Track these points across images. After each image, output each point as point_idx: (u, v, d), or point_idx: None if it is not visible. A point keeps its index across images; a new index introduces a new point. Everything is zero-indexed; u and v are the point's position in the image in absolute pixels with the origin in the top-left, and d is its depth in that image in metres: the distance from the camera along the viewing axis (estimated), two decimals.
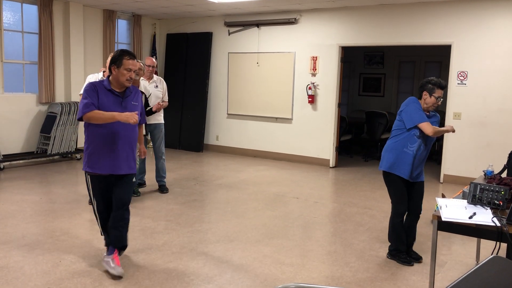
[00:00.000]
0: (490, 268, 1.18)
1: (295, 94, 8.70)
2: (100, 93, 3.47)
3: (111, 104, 3.47)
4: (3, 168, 7.40)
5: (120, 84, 3.53)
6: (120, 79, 3.49)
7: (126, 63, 3.47)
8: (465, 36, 7.08)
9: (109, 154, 3.54)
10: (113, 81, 3.54)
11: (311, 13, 8.43)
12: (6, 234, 4.44)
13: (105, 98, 3.47)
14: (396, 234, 4.01)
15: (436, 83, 3.78)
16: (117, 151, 3.55)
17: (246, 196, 6.15)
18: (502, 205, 3.02)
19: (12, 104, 7.80)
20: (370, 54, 11.70)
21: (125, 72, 3.47)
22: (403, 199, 3.95)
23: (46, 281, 3.46)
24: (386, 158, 3.95)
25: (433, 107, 3.83)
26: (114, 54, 3.55)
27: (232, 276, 3.64)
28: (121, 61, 3.46)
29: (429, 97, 3.78)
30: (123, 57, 3.48)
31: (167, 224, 4.87)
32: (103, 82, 3.55)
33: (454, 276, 3.78)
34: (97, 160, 3.55)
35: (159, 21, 10.33)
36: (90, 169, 3.58)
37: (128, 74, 3.47)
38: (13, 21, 7.86)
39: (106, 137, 3.50)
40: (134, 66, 3.50)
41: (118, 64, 3.47)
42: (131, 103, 3.61)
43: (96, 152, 3.54)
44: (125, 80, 3.49)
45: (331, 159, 8.45)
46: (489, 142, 6.99)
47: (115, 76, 3.50)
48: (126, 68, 3.47)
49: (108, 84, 3.52)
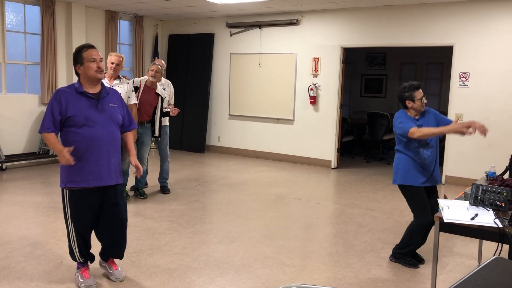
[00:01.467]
0: (492, 269, 1.18)
1: (297, 95, 8.70)
2: (69, 100, 3.15)
3: (86, 108, 3.17)
4: (5, 168, 7.41)
5: (92, 80, 3.21)
6: (90, 73, 3.18)
7: (87, 55, 3.18)
8: (467, 37, 7.07)
9: (97, 162, 3.21)
10: (84, 81, 3.22)
11: (313, 14, 8.43)
12: (8, 234, 4.44)
13: (77, 103, 3.15)
14: (412, 242, 3.93)
15: (411, 88, 3.80)
16: (102, 158, 3.22)
17: (248, 197, 6.15)
18: (504, 207, 3.01)
19: (15, 104, 7.82)
20: (372, 55, 11.69)
21: (90, 64, 3.17)
22: (425, 209, 3.81)
23: (48, 281, 3.46)
24: (398, 171, 3.87)
25: (422, 107, 3.84)
26: (73, 54, 3.28)
27: (234, 277, 3.64)
28: (81, 56, 3.19)
29: (413, 103, 3.80)
30: (81, 51, 3.20)
31: (168, 225, 4.87)
32: (74, 85, 3.23)
33: (456, 278, 3.77)
34: (79, 171, 3.18)
35: (161, 22, 10.35)
36: (71, 183, 3.21)
37: (95, 65, 3.17)
38: (16, 22, 7.88)
39: (87, 141, 3.17)
40: (97, 55, 3.20)
41: (80, 61, 3.19)
42: (109, 105, 3.28)
43: (78, 162, 3.15)
44: (95, 72, 3.18)
45: (333, 160, 8.44)
46: (491, 144, 6.98)
47: (84, 74, 3.20)
48: (90, 59, 3.18)
49: (80, 87, 3.21)
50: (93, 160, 3.19)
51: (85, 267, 3.47)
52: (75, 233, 3.33)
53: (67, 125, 3.17)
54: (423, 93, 3.86)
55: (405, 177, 3.84)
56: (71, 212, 3.30)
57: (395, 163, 3.96)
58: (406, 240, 3.96)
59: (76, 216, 3.30)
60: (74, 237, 3.35)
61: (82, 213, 3.30)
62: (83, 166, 3.19)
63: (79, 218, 3.31)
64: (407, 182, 3.83)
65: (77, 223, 3.32)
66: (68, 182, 3.23)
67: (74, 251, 3.40)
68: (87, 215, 3.31)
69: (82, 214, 3.30)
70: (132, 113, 5.36)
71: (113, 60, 5.30)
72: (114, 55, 5.36)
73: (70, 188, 3.25)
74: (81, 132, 3.15)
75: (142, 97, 5.65)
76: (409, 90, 3.80)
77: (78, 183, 3.21)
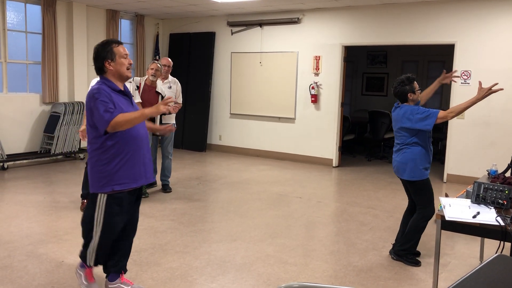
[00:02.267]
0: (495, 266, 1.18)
1: (298, 94, 8.69)
2: (114, 97, 2.95)
3: (127, 106, 3.00)
4: (7, 167, 7.42)
5: (122, 77, 3.04)
6: (122, 70, 3.00)
7: (119, 51, 3.00)
8: (469, 35, 7.06)
9: (142, 161, 3.07)
10: (113, 78, 3.01)
11: (314, 12, 8.43)
12: (10, 233, 4.45)
13: (119, 102, 2.96)
14: (418, 237, 3.95)
15: (410, 80, 3.86)
16: (145, 156, 3.10)
17: (249, 196, 6.15)
18: (506, 205, 3.01)
19: (16, 104, 7.83)
20: (373, 54, 11.68)
21: (123, 61, 3.00)
22: (433, 200, 3.91)
23: (50, 280, 3.46)
24: (408, 167, 3.84)
25: (419, 98, 3.97)
26: (98, 50, 3.01)
27: (235, 276, 3.64)
28: (111, 51, 2.98)
29: (414, 95, 3.87)
30: (111, 46, 2.99)
31: (170, 224, 4.87)
32: (105, 82, 2.99)
33: (458, 276, 3.77)
34: (129, 172, 3.00)
35: (162, 21, 10.35)
36: (120, 186, 2.98)
37: (126, 61, 3.01)
38: (17, 21, 7.88)
39: (136, 140, 3.04)
40: (126, 50, 3.04)
41: (111, 56, 2.97)
42: (132, 98, 3.19)
43: (128, 162, 2.99)
44: (126, 70, 3.03)
45: (334, 158, 8.44)
46: (493, 142, 6.97)
47: (115, 71, 2.99)
48: (122, 56, 3.00)
49: (114, 84, 3.01)
50: (140, 159, 3.05)
51: (90, 267, 3.26)
52: (102, 242, 3.07)
53: None
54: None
55: (422, 171, 3.83)
56: (104, 219, 3.03)
57: (408, 157, 3.84)
58: (411, 235, 3.96)
59: (110, 223, 3.04)
60: (97, 245, 3.08)
61: (117, 220, 3.07)
62: (132, 166, 3.00)
63: (114, 225, 3.06)
64: (424, 176, 3.84)
65: (109, 231, 3.06)
66: (116, 184, 2.96)
67: (88, 256, 3.13)
68: (121, 222, 3.10)
69: (117, 221, 3.07)
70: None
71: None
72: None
73: (111, 192, 2.98)
74: (128, 131, 2.96)
75: (143, 96, 5.65)
76: (410, 83, 3.85)
77: (128, 184, 3.01)
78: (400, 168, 3.92)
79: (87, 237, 3.14)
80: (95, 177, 3.00)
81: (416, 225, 3.94)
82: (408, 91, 3.85)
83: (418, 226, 3.93)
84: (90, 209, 3.07)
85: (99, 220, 3.03)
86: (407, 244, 3.99)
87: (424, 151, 3.83)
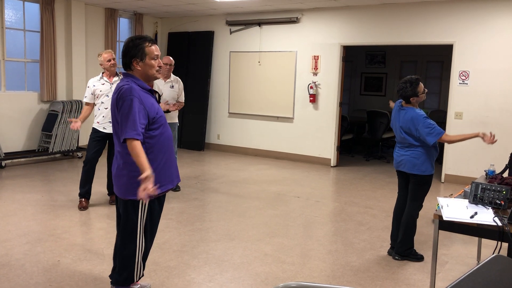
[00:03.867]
0: (492, 266, 1.18)
1: (297, 93, 8.69)
2: (143, 98, 2.78)
3: (158, 107, 2.92)
4: (5, 166, 7.40)
5: (150, 79, 2.92)
6: (150, 72, 2.86)
7: (150, 51, 2.83)
8: (467, 35, 7.07)
9: (174, 161, 3.02)
10: (141, 78, 2.88)
11: (312, 12, 8.43)
12: (7, 232, 4.44)
13: (150, 102, 2.84)
14: (414, 230, 4.03)
15: (417, 82, 3.92)
16: (173, 155, 3.03)
17: (247, 195, 6.15)
18: (504, 205, 3.02)
19: (14, 102, 7.81)
20: (371, 54, 11.69)
21: (153, 62, 2.84)
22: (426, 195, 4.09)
23: (47, 279, 3.46)
24: (425, 162, 3.88)
25: (423, 99, 4.10)
26: (128, 45, 2.83)
27: (233, 275, 3.64)
28: (143, 50, 2.81)
29: (417, 98, 3.95)
30: (144, 45, 2.82)
31: (168, 223, 4.87)
32: (135, 82, 2.81)
33: (455, 276, 3.77)
34: (166, 173, 2.92)
35: (160, 19, 10.33)
36: (160, 188, 2.83)
37: (156, 63, 2.87)
38: (15, 19, 7.87)
39: (169, 141, 2.95)
40: (158, 52, 2.90)
41: (141, 55, 2.81)
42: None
43: (165, 164, 2.90)
44: (156, 72, 2.89)
45: (332, 158, 8.45)
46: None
47: (142, 72, 2.85)
48: (153, 57, 2.85)
49: (144, 84, 2.87)
50: (173, 160, 2.99)
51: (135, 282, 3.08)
52: (147, 248, 2.99)
53: (147, 128, 2.80)
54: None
55: (430, 167, 3.90)
56: (146, 226, 2.92)
57: (419, 153, 3.87)
58: (410, 231, 4.00)
59: (151, 229, 2.96)
60: (143, 253, 2.98)
61: (156, 224, 2.98)
62: (168, 167, 2.92)
63: (154, 230, 2.98)
64: (432, 171, 3.92)
65: (150, 237, 2.99)
66: (158, 188, 2.78)
67: (136, 270, 2.96)
68: (157, 224, 3.01)
69: (156, 225, 2.98)
70: None
71: (109, 57, 5.16)
72: (107, 52, 5.19)
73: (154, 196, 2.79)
74: (162, 132, 2.88)
75: None
76: (417, 85, 3.90)
77: (166, 186, 2.92)
78: (409, 162, 3.92)
79: (128, 251, 2.92)
80: (132, 182, 2.76)
81: (413, 219, 3.99)
82: (411, 95, 3.88)
83: (414, 218, 4.00)
84: (130, 219, 2.89)
85: (142, 226, 2.91)
86: (409, 241, 4.01)
87: (432, 148, 3.90)
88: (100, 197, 5.69)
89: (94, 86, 5.21)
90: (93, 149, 5.20)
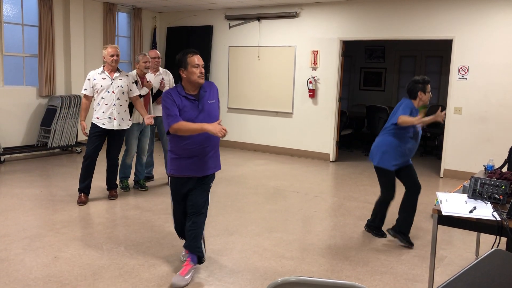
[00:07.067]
0: (492, 261, 1.18)
1: (296, 88, 8.68)
2: (177, 100, 3.38)
3: (189, 110, 3.39)
4: (3, 161, 7.40)
5: (194, 84, 3.45)
6: (192, 78, 3.42)
7: (191, 60, 3.44)
8: (467, 30, 7.06)
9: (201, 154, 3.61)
10: (186, 84, 3.46)
11: (312, 6, 8.40)
12: (6, 226, 4.44)
13: (184, 106, 3.39)
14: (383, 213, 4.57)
15: (425, 81, 4.21)
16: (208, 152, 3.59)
17: (246, 190, 6.15)
18: (503, 200, 3.02)
19: (12, 97, 7.79)
20: (371, 48, 11.67)
21: (194, 70, 3.42)
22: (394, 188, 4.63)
23: (47, 274, 3.46)
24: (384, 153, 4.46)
25: (428, 101, 4.32)
26: (177, 58, 3.53)
27: (232, 270, 3.65)
28: (185, 61, 3.45)
29: (424, 95, 4.22)
30: (186, 56, 3.47)
31: (167, 218, 4.87)
32: (177, 88, 3.47)
33: (454, 270, 3.78)
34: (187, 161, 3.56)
35: (159, 14, 10.30)
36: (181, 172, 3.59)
37: (197, 70, 3.43)
38: (13, 13, 7.83)
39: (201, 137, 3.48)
40: (200, 61, 3.47)
41: (185, 65, 3.44)
42: (208, 102, 3.49)
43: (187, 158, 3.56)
44: (197, 78, 3.43)
45: (331, 153, 8.45)
46: (490, 137, 6.99)
47: (187, 78, 3.44)
48: (194, 65, 3.43)
49: (182, 90, 3.45)
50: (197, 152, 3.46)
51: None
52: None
53: None
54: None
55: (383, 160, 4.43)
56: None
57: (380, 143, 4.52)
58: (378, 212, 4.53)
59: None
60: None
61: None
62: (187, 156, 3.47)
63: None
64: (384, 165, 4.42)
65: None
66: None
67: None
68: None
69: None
70: (137, 105, 5.37)
71: (113, 52, 5.13)
72: (113, 47, 5.17)
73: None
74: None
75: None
76: (423, 83, 4.20)
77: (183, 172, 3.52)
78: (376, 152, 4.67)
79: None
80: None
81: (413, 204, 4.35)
82: (420, 89, 4.19)
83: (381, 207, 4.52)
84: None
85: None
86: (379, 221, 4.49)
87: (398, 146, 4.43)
88: (99, 192, 5.69)
89: (94, 79, 5.18)
90: (92, 144, 5.19)
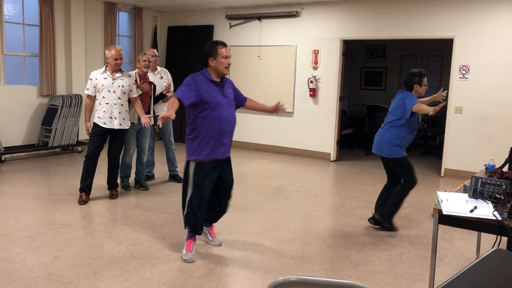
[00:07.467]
0: (492, 260, 1.18)
1: (297, 88, 8.68)
2: (202, 84, 3.62)
3: (215, 94, 3.66)
4: (4, 160, 7.40)
5: (219, 73, 3.69)
6: (220, 68, 3.65)
7: (221, 52, 3.63)
8: (468, 30, 7.05)
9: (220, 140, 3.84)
10: (212, 72, 3.68)
11: (312, 6, 8.40)
12: (7, 226, 4.45)
13: (209, 88, 3.64)
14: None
15: (421, 74, 4.37)
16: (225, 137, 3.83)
17: (247, 189, 6.15)
18: (503, 199, 3.02)
19: (13, 96, 7.80)
20: (371, 48, 11.66)
21: (223, 60, 3.63)
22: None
23: (48, 273, 3.47)
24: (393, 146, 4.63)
25: (424, 93, 4.44)
26: (206, 47, 3.69)
27: (233, 269, 3.65)
28: (216, 51, 3.63)
29: (420, 87, 4.37)
30: (217, 47, 3.65)
31: (168, 217, 4.87)
32: (203, 73, 3.68)
33: (454, 270, 3.78)
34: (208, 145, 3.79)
35: (160, 13, 10.30)
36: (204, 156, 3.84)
37: (226, 61, 3.64)
38: (14, 13, 7.83)
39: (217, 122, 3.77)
40: (228, 53, 3.66)
41: (214, 55, 3.63)
42: (228, 91, 3.78)
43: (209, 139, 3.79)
44: (224, 68, 3.65)
45: (332, 152, 8.45)
46: (491, 137, 6.98)
47: (214, 67, 3.65)
48: (223, 56, 3.63)
49: (210, 75, 3.68)
50: (216, 137, 3.69)
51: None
52: None
53: (201, 109, 3.61)
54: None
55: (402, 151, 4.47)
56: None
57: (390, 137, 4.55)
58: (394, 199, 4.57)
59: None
60: None
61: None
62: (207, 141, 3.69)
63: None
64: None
65: None
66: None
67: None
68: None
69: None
70: (136, 106, 5.37)
71: (117, 56, 5.13)
72: (117, 51, 5.16)
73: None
74: (209, 114, 3.62)
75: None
76: (420, 76, 4.35)
77: (206, 156, 3.73)
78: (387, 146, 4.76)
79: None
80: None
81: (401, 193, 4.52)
82: (416, 82, 4.32)
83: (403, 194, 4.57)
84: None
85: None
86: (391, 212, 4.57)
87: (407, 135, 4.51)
88: (100, 192, 5.69)
89: (96, 79, 5.19)
90: (94, 144, 5.20)
